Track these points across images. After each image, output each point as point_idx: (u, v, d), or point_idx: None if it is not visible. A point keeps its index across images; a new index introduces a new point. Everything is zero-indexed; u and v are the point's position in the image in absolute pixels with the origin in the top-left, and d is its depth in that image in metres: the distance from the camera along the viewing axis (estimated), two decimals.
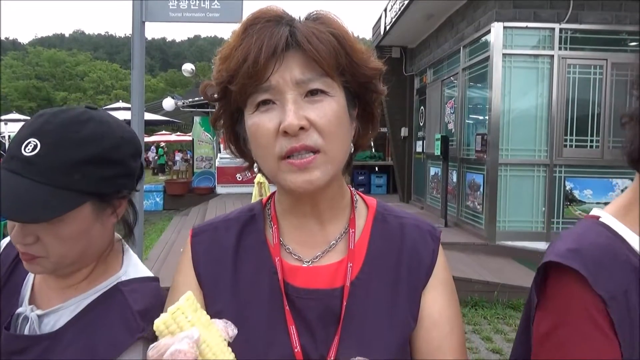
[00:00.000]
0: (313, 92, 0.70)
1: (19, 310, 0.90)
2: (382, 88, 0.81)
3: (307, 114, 0.69)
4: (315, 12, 0.75)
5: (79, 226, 0.84)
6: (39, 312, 0.88)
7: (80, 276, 0.92)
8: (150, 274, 0.98)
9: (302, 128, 0.68)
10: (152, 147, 26.86)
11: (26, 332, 0.87)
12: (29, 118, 2.03)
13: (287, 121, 0.68)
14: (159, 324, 0.60)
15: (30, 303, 0.91)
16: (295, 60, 0.70)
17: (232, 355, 0.62)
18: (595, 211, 0.78)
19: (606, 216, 0.75)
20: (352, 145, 0.80)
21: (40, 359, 0.84)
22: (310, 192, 0.72)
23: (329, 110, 0.71)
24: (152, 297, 0.91)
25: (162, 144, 27.29)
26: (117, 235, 0.99)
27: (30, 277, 0.95)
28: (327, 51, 0.70)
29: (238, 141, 0.82)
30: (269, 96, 0.70)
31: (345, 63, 0.73)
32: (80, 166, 0.81)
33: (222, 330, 0.63)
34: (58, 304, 0.90)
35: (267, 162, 0.73)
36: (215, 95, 0.76)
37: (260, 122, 0.71)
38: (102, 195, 0.86)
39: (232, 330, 0.64)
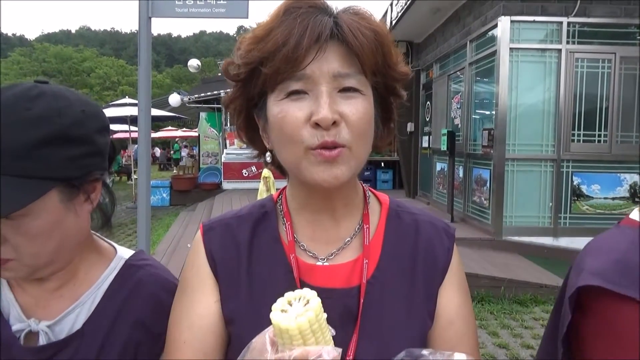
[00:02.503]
0: (347, 89, 0.69)
1: (17, 327, 0.79)
2: (403, 93, 0.79)
3: (341, 109, 0.68)
4: (351, 7, 0.72)
5: (48, 219, 0.73)
6: (46, 322, 0.79)
7: (71, 272, 0.84)
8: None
9: (334, 122, 0.67)
10: (175, 144, 26.95)
11: (42, 343, 0.79)
12: None
13: (322, 114, 0.66)
14: (293, 327, 0.56)
15: (27, 318, 0.80)
16: (336, 53, 0.68)
17: None
18: (636, 215, 0.70)
19: None
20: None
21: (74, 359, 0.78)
22: (333, 186, 0.70)
23: (362, 108, 0.69)
24: (159, 263, 0.93)
25: (177, 139, 27.43)
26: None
27: (6, 294, 0.83)
28: (369, 48, 0.68)
29: (250, 127, 0.80)
30: (301, 86, 0.68)
31: (381, 63, 0.71)
32: (38, 148, 0.70)
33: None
34: (60, 307, 0.81)
35: (292, 151, 0.70)
36: (240, 76, 0.73)
37: (289, 110, 0.68)
38: (69, 180, 0.75)
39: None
